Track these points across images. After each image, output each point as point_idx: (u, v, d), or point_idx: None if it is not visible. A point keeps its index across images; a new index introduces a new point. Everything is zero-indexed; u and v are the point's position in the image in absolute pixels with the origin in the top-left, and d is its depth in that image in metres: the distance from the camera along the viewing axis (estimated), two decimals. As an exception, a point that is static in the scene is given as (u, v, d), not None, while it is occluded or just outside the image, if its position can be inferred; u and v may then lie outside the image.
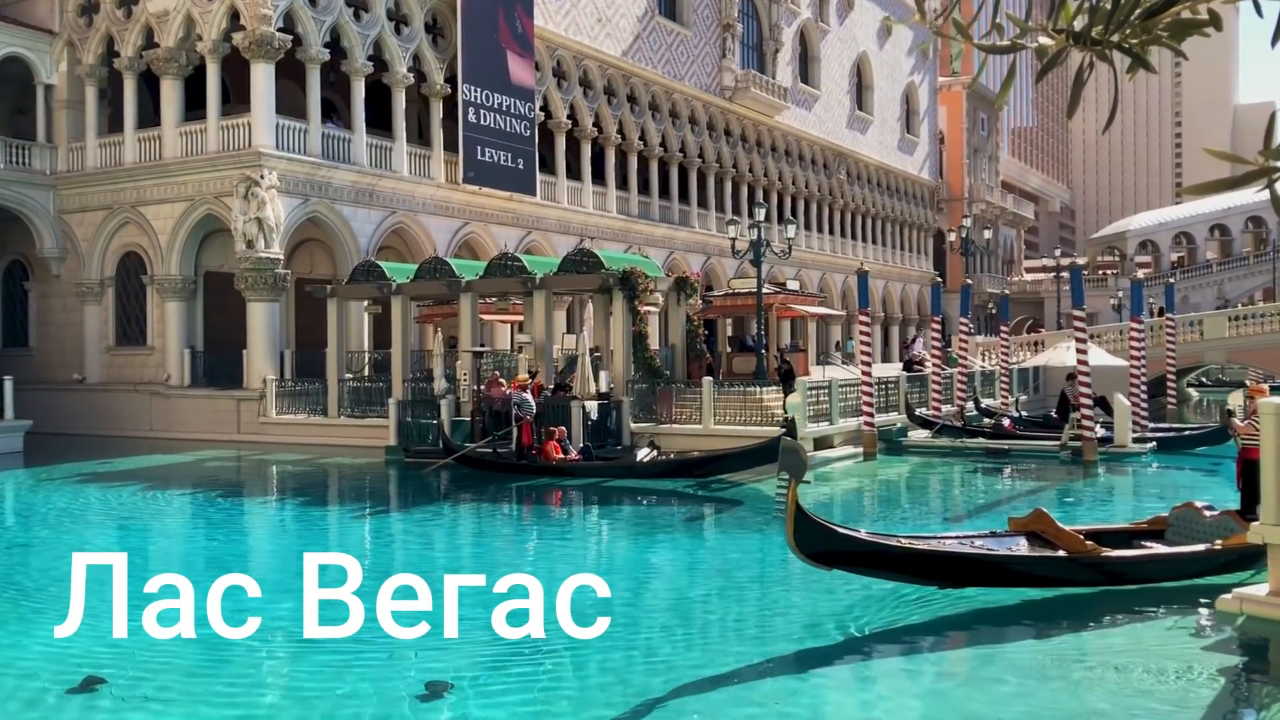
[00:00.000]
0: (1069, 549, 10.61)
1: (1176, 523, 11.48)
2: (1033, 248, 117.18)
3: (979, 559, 10.44)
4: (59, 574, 13.26)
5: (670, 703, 7.77)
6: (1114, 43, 2.61)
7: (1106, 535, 11.62)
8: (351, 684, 8.22)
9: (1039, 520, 11.02)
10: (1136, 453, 23.78)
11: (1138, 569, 10.94)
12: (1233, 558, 11.04)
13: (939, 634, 9.73)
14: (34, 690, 8.20)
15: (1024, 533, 11.08)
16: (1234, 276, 72.59)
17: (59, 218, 31.85)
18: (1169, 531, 11.46)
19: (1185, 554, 11.06)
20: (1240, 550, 10.93)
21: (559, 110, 38.21)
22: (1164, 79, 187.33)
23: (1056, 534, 10.79)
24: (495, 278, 25.48)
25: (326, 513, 18.58)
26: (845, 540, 9.95)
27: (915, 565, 10.24)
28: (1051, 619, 9.97)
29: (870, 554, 10.02)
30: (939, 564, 10.27)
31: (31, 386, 29.82)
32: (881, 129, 63.58)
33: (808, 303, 34.43)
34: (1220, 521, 11.21)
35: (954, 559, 10.36)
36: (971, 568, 10.38)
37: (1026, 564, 10.57)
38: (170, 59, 29.65)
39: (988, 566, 10.43)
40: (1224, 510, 11.45)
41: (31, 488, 21.06)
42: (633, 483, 19.51)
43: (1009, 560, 10.56)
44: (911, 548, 10.29)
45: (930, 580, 10.36)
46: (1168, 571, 11.01)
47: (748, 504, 18.02)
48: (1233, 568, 11.14)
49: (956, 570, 10.31)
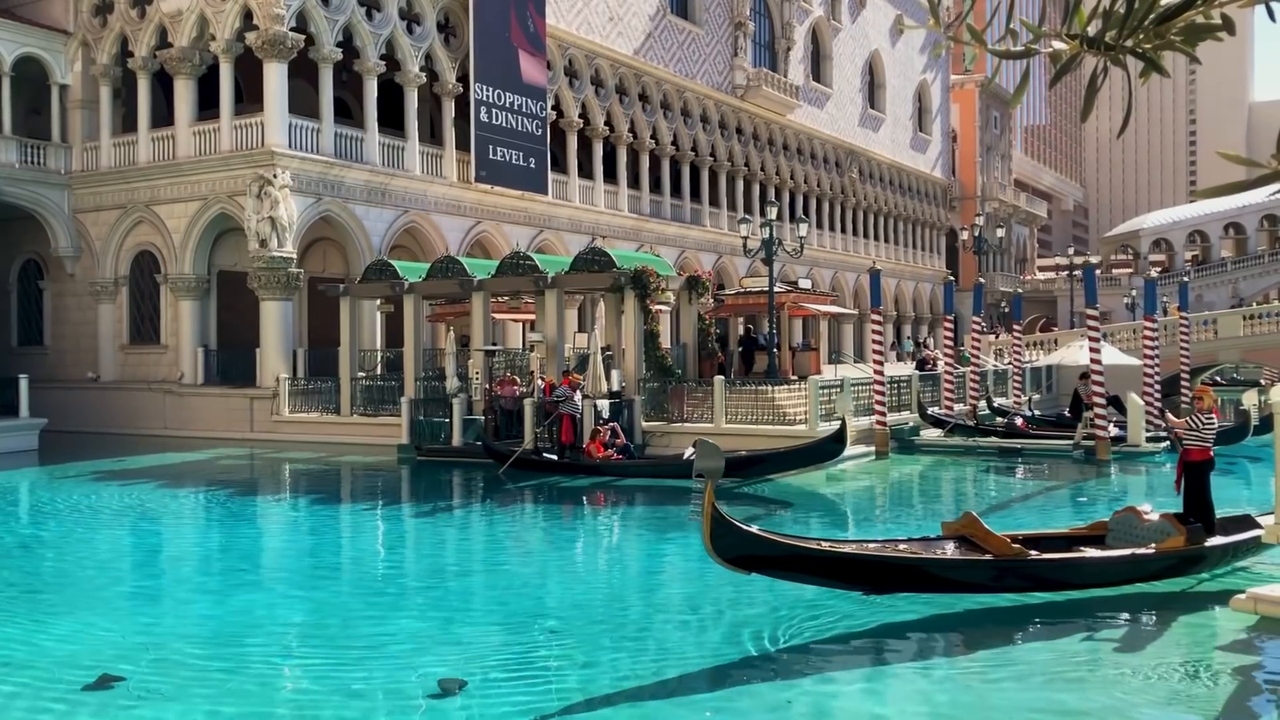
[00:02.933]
0: (995, 552, 10.20)
1: (1117, 527, 11.00)
2: (1046, 246, 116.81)
3: (900, 562, 10.06)
4: (74, 572, 13.36)
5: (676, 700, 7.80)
6: (1128, 48, 2.60)
7: (1046, 541, 11.17)
8: (365, 681, 8.25)
9: (968, 524, 10.54)
10: (1150, 452, 23.69)
11: (1065, 573, 10.52)
12: (1170, 561, 10.69)
13: (944, 633, 9.71)
14: (50, 688, 8.25)
15: (956, 537, 10.66)
16: (1249, 275, 72.17)
17: (73, 217, 32.03)
18: (1109, 536, 10.98)
19: (1112, 559, 10.60)
20: (1178, 554, 10.61)
21: (571, 109, 38.23)
22: (1179, 77, 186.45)
23: (984, 537, 10.32)
24: (507, 276, 25.52)
25: (370, 511, 18.63)
26: (763, 543, 9.53)
27: (836, 569, 9.90)
28: (1062, 619, 9.94)
29: (789, 558, 9.64)
30: (860, 568, 9.94)
31: (46, 385, 30.02)
32: (894, 127, 63.43)
33: (820, 301, 34.36)
34: (1158, 525, 10.74)
35: (875, 563, 10.00)
36: (894, 572, 10.02)
37: (948, 567, 10.21)
38: (184, 58, 29.79)
39: (910, 570, 10.06)
40: (1163, 514, 10.98)
41: (47, 485, 21.19)
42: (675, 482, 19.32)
43: (930, 563, 10.18)
44: (830, 551, 9.96)
45: (854, 585, 10.02)
46: (1097, 576, 10.59)
47: (798, 504, 17.91)
48: (1173, 573, 10.79)
49: (879, 574, 9.97)
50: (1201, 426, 11.64)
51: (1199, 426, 11.65)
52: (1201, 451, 11.68)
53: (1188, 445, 11.74)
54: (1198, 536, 10.82)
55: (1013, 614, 10.01)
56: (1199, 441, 11.67)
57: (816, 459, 20.02)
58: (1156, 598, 10.62)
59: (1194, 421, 11.72)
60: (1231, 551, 11.23)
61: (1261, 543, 11.40)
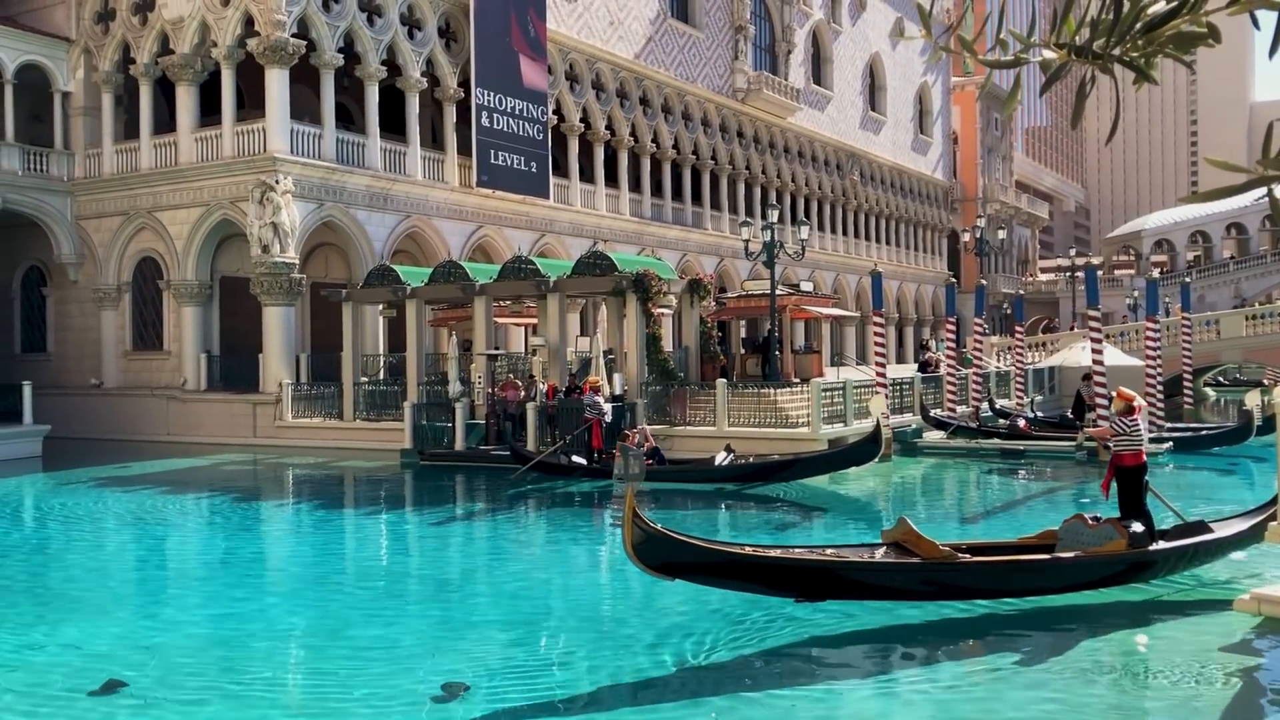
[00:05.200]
0: (924, 557, 9.91)
1: (1065, 535, 10.56)
2: (1047, 247, 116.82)
3: (822, 566, 9.79)
4: (79, 577, 13.40)
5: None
6: (1115, 56, 2.63)
7: (993, 550, 10.85)
8: (368, 685, 8.28)
9: (902, 529, 10.18)
10: (1153, 453, 23.58)
11: (997, 579, 10.14)
12: (1115, 568, 10.35)
13: (951, 637, 9.72)
14: (55, 693, 8.28)
15: (892, 543, 10.29)
16: (1251, 275, 72.13)
17: (76, 223, 32.11)
18: (1059, 545, 10.54)
19: (1049, 563, 10.20)
20: (1121, 559, 10.30)
21: (572, 113, 38.29)
22: (1179, 77, 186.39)
23: (916, 542, 9.98)
24: (509, 281, 25.57)
25: (373, 516, 18.67)
26: (685, 549, 9.29)
27: (760, 575, 9.67)
28: (1067, 621, 9.95)
29: (711, 563, 9.47)
30: (784, 573, 9.67)
31: (50, 391, 30.10)
32: (894, 129, 63.46)
33: (821, 304, 34.41)
34: (1103, 531, 10.34)
35: (798, 567, 9.72)
36: (819, 577, 9.72)
37: (873, 571, 9.94)
38: (185, 65, 29.88)
39: (835, 575, 9.79)
40: (1107, 519, 10.58)
41: (51, 491, 21.24)
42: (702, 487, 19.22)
43: (853, 567, 9.92)
44: (752, 556, 9.73)
45: (782, 591, 9.78)
46: (1034, 582, 10.23)
47: (800, 507, 17.87)
48: (1119, 580, 10.46)
49: (805, 580, 9.69)
50: (1128, 430, 11.38)
51: (1126, 430, 11.38)
52: (1134, 456, 11.39)
53: (1118, 450, 11.44)
54: (1140, 541, 10.54)
55: (1015, 618, 10.00)
56: (1129, 445, 11.39)
57: (853, 461, 19.82)
58: (1158, 601, 10.62)
59: (1118, 426, 11.46)
60: (1184, 557, 10.89)
61: (1217, 549, 11.14)
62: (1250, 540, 11.40)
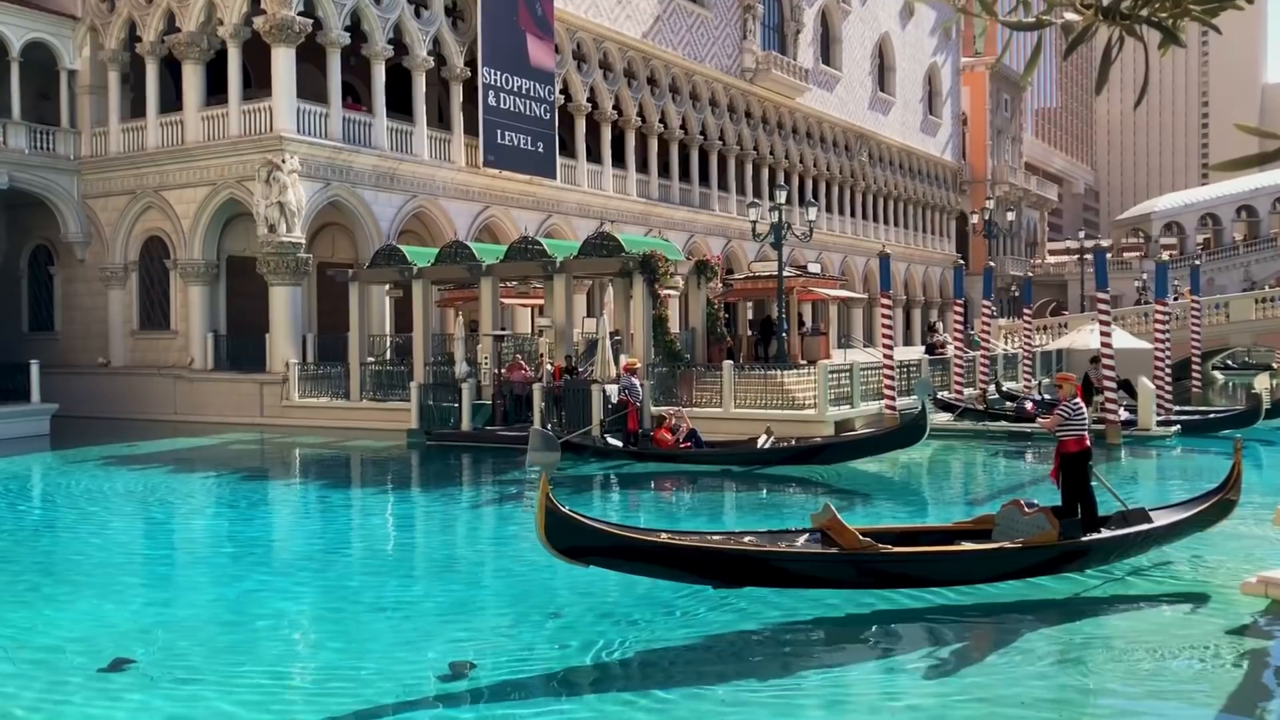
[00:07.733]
0: (845, 546, 9.72)
1: (1002, 522, 10.32)
2: (1056, 230, 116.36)
3: (739, 555, 9.58)
4: (86, 555, 13.43)
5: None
6: (1143, 17, 2.55)
7: (925, 535, 10.69)
8: (375, 663, 8.28)
9: (827, 517, 9.94)
10: (1160, 436, 23.61)
11: (919, 568, 9.93)
12: (1044, 557, 10.09)
13: (956, 622, 9.69)
14: (63, 671, 8.30)
15: (818, 530, 10.09)
16: (1261, 258, 71.81)
17: (83, 202, 32.09)
18: (995, 531, 10.31)
19: (972, 553, 10.02)
20: (1051, 549, 10.06)
21: (579, 93, 38.12)
22: (1191, 58, 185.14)
23: (839, 531, 9.76)
24: (516, 261, 25.51)
25: (380, 495, 18.68)
26: (597, 535, 9.17)
27: (675, 561, 9.47)
28: (1070, 606, 9.91)
29: (623, 549, 9.33)
30: (701, 560, 9.47)
31: (57, 370, 30.13)
32: (903, 110, 63.14)
33: (829, 285, 34.32)
34: (1034, 520, 10.07)
35: (714, 555, 9.51)
36: (735, 564, 9.54)
37: (791, 560, 9.75)
38: (192, 43, 29.77)
39: (754, 564, 9.59)
40: (1041, 508, 10.27)
41: (59, 470, 21.29)
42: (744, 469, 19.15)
43: (771, 556, 9.70)
44: (664, 543, 9.52)
45: (699, 578, 9.65)
46: (958, 573, 10.02)
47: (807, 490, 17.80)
48: (1048, 569, 10.24)
49: (721, 567, 9.51)
50: (1071, 415, 11.17)
51: (1069, 415, 11.17)
52: (1077, 442, 11.16)
53: (1062, 436, 11.23)
54: (1072, 531, 10.36)
55: (1020, 604, 9.95)
56: (1073, 431, 11.17)
57: (899, 443, 19.67)
58: (1163, 584, 10.58)
59: (1063, 411, 11.24)
60: (1119, 547, 10.68)
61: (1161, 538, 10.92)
62: (1193, 529, 11.20)
